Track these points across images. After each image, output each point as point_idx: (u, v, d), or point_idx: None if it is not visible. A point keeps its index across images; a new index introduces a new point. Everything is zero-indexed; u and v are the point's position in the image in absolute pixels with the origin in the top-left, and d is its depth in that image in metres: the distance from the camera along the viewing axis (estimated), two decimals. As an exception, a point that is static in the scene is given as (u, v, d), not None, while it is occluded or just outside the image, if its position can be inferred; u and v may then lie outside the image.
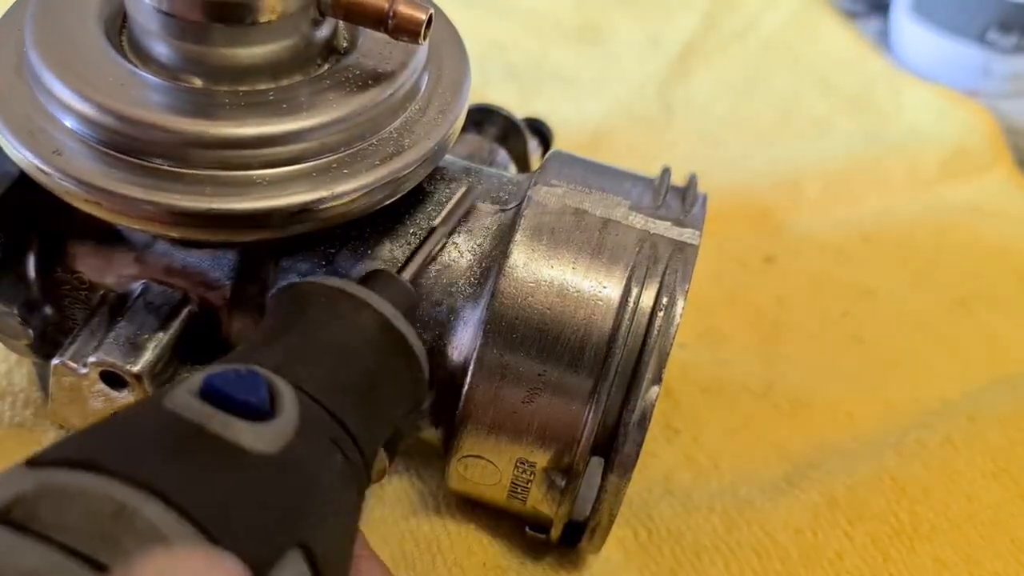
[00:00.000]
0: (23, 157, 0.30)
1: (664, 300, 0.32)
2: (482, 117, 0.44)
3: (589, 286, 0.32)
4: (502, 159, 0.44)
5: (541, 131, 0.47)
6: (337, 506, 0.23)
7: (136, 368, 0.31)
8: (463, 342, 0.33)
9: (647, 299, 0.32)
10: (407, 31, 0.30)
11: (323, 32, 0.32)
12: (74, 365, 0.32)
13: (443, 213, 0.34)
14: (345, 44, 0.34)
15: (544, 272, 0.32)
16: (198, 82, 0.31)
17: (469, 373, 0.32)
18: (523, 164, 0.45)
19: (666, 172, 0.36)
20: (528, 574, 0.37)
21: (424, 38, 0.31)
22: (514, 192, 0.36)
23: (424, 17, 0.30)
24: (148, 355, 0.32)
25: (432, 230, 0.33)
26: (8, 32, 0.33)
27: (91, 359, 0.31)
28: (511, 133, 0.44)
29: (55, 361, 0.32)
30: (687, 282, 0.32)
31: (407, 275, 0.31)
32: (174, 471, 0.20)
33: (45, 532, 0.18)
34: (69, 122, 0.30)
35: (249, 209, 0.29)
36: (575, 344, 0.31)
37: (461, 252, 0.34)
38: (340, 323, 0.26)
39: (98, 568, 0.17)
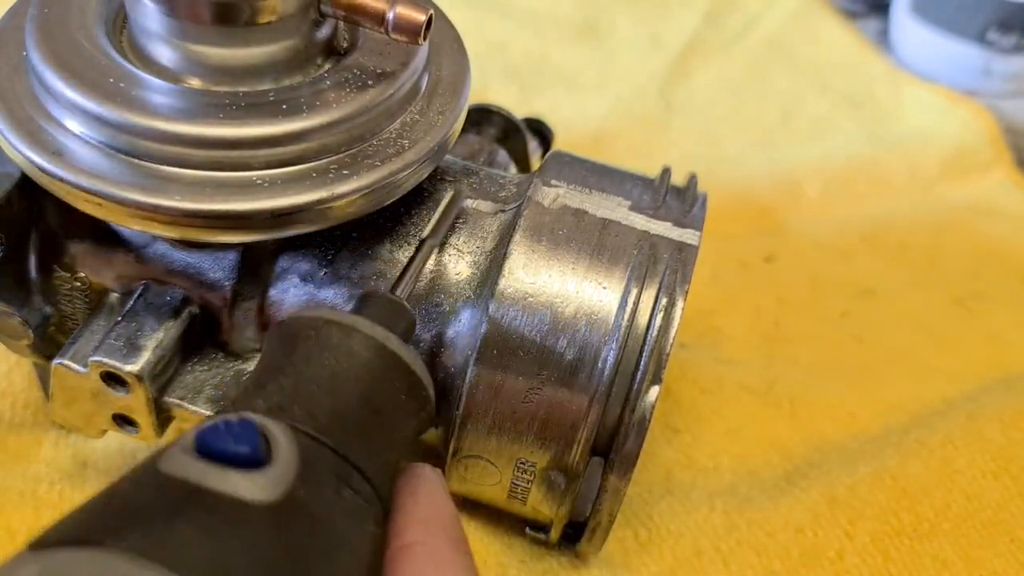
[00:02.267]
0: (23, 158, 0.30)
1: (664, 300, 0.32)
2: (482, 117, 0.44)
3: (589, 286, 0.32)
4: (502, 159, 0.44)
5: (541, 131, 0.47)
6: (350, 543, 0.23)
7: (136, 368, 0.31)
8: (463, 342, 0.33)
9: (647, 299, 0.32)
10: (407, 32, 0.30)
11: (323, 33, 0.32)
12: (74, 365, 0.32)
13: (430, 225, 0.33)
14: (345, 45, 0.34)
15: (544, 272, 0.32)
16: (198, 83, 0.31)
17: (469, 373, 0.32)
18: (523, 164, 0.45)
19: (666, 172, 0.36)
20: (528, 573, 0.37)
21: (424, 39, 0.31)
22: (514, 192, 0.36)
23: (424, 18, 0.30)
24: (148, 355, 0.32)
25: (421, 243, 0.33)
26: (9, 32, 0.33)
27: (91, 359, 0.31)
28: (511, 133, 0.44)
29: (55, 361, 0.32)
30: (687, 282, 0.32)
31: (401, 292, 0.30)
32: (173, 535, 0.20)
33: None
34: (69, 123, 0.30)
35: (249, 209, 0.29)
36: (575, 344, 0.31)
37: (461, 253, 0.34)
38: (332, 354, 0.26)
39: None
